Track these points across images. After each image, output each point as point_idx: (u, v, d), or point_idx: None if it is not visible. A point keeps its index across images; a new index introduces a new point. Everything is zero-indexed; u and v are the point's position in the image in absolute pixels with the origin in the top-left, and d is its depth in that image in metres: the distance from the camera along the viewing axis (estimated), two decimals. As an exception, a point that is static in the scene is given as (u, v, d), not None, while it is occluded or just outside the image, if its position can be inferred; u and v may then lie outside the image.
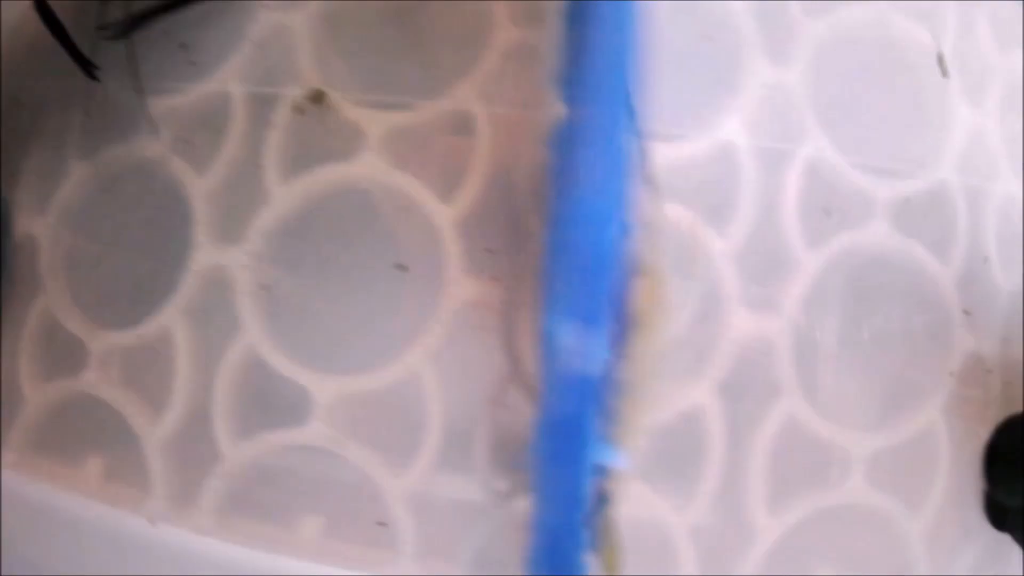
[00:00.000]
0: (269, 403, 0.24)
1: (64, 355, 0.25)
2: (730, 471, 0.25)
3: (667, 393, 0.24)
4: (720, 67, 0.24)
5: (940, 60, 0.26)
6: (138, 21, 0.24)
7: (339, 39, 0.24)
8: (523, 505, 0.24)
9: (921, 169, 0.26)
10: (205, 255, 0.24)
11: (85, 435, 0.26)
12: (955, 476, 0.26)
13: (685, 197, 0.24)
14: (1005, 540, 0.26)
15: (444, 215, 0.23)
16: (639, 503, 0.25)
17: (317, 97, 0.23)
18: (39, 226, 0.26)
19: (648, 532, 0.25)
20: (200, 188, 0.24)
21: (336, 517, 0.25)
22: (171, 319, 0.24)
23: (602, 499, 0.24)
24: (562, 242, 0.13)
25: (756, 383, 0.25)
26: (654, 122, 0.23)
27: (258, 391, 0.24)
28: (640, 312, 0.22)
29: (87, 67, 0.24)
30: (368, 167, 0.23)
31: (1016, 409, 0.27)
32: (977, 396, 0.26)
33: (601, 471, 0.14)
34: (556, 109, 0.18)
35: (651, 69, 0.23)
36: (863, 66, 0.26)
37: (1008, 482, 0.26)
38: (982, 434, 0.27)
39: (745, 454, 0.25)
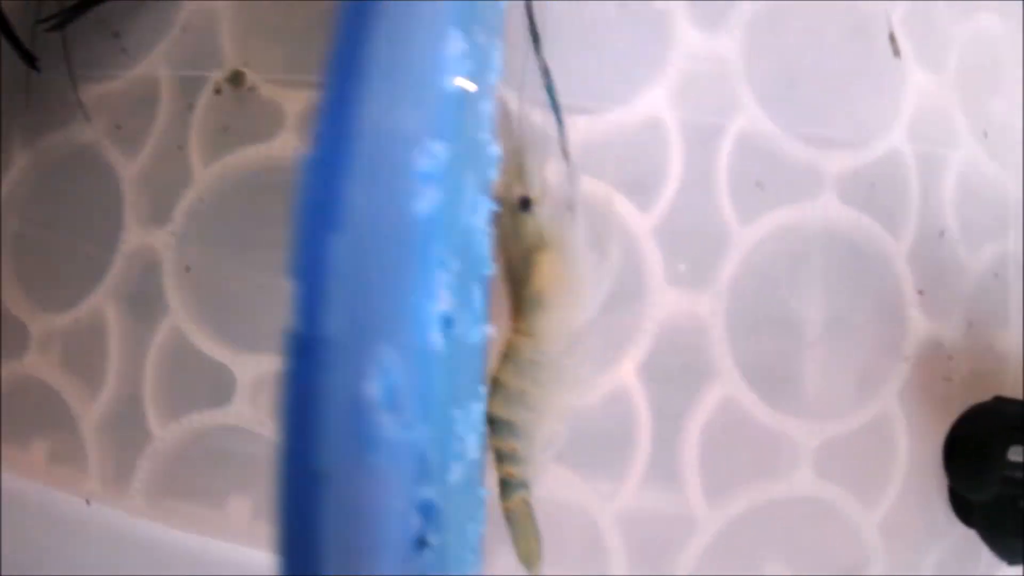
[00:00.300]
0: (195, 383, 0.24)
1: (9, 338, 0.26)
2: (661, 458, 0.24)
3: (589, 375, 0.23)
4: (644, 38, 0.23)
5: (891, 39, 0.25)
6: (74, 12, 0.24)
7: (260, 20, 0.24)
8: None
9: (870, 138, 0.24)
10: (134, 237, 0.24)
11: (31, 418, 0.27)
12: (916, 469, 0.25)
13: (605, 172, 0.23)
14: (975, 537, 0.25)
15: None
16: (564, 490, 0.24)
17: (236, 78, 0.23)
18: (-9, 214, 0.27)
19: (574, 521, 0.24)
20: (130, 171, 0.24)
21: (263, 498, 0.24)
22: (103, 301, 0.25)
23: (509, 485, 0.23)
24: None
25: (686, 365, 0.24)
26: (573, 95, 0.23)
27: (185, 371, 0.24)
28: (543, 289, 0.22)
29: (28, 58, 0.25)
30: (287, 147, 0.23)
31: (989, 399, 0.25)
32: (937, 384, 0.25)
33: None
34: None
35: (569, 41, 0.23)
36: (807, 32, 0.24)
37: (967, 476, 0.24)
38: (945, 425, 0.25)
39: (678, 440, 0.24)
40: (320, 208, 0.12)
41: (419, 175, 0.14)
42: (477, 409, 0.20)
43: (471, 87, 0.16)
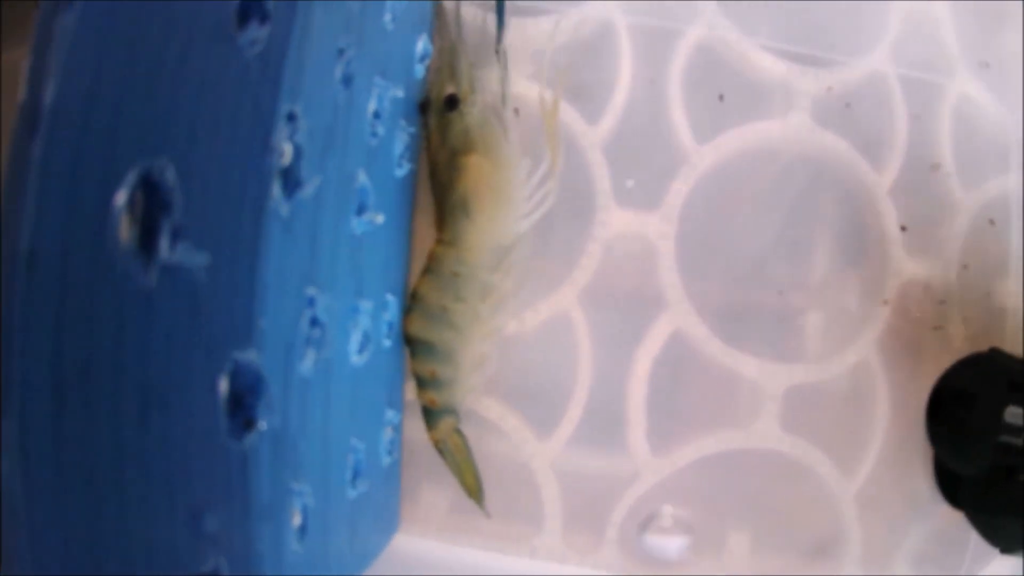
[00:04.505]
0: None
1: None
2: (603, 395, 0.21)
3: (522, 294, 0.21)
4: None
5: None
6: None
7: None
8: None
9: (848, 57, 0.22)
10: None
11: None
12: (899, 430, 0.22)
13: (551, 77, 0.21)
14: (960, 519, 0.21)
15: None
16: (496, 427, 0.21)
17: None
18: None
19: (505, 462, 0.21)
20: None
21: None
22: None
23: (431, 413, 0.21)
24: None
25: (633, 293, 0.21)
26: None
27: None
28: (468, 195, 0.20)
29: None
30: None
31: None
32: (925, 333, 0.22)
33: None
34: None
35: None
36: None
37: (954, 442, 0.20)
38: (934, 381, 0.22)
39: (622, 375, 0.21)
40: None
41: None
42: (365, 308, 0.17)
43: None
